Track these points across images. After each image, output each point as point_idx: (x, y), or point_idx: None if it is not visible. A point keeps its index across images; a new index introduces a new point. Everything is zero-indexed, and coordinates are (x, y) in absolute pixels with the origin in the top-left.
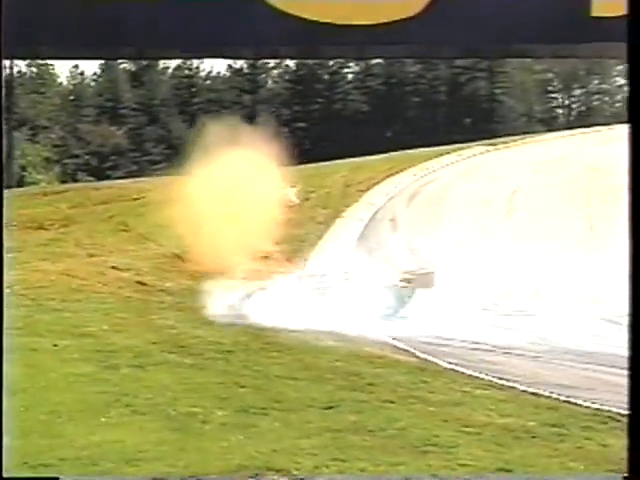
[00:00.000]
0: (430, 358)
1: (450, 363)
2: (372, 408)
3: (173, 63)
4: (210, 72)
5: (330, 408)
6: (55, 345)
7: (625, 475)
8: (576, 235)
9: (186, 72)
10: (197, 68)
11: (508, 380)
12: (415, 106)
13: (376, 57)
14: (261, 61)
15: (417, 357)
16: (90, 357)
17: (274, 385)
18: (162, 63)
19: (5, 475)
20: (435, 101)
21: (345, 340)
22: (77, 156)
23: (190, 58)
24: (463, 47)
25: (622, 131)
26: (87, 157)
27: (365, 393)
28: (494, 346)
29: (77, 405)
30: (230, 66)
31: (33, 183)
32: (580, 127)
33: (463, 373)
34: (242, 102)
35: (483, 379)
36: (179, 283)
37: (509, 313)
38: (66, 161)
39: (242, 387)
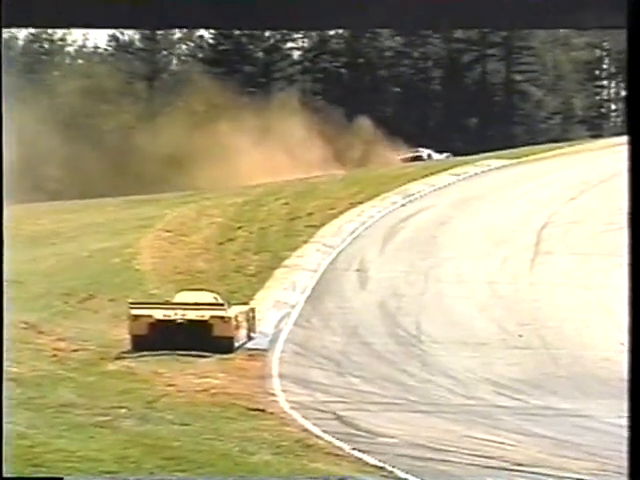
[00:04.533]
0: None
1: None
2: None
3: (24, 33)
4: (83, 46)
5: None
6: None
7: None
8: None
9: (46, 46)
10: (62, 40)
11: None
12: (394, 99)
13: (335, 27)
14: (162, 32)
15: None
16: None
17: None
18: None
19: (5, 475)
20: (424, 92)
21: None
22: None
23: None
24: (466, 13)
25: None
26: None
27: None
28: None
29: None
30: (115, 38)
31: None
32: None
33: None
34: (133, 91)
35: None
36: None
37: (541, 412)
38: None
39: None
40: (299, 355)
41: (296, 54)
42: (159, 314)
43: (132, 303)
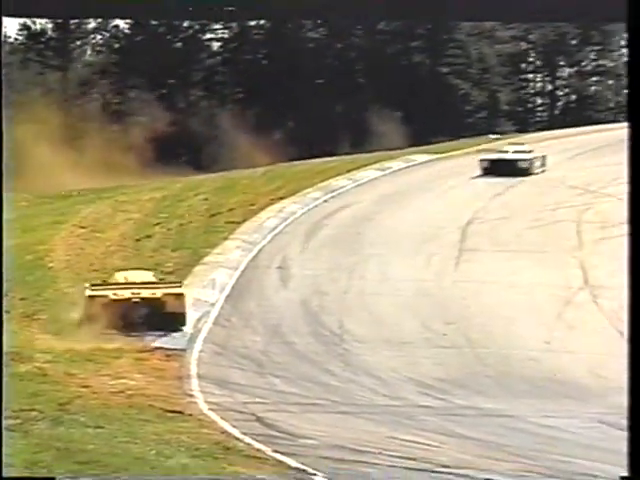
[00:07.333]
0: None
1: None
2: None
3: None
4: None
5: None
6: None
7: (624, 475)
8: (568, 294)
9: None
10: None
11: None
12: (315, 93)
13: (256, 18)
14: (76, 22)
15: None
16: None
17: None
18: None
19: (5, 475)
20: (347, 85)
21: None
22: None
23: None
24: (393, 5)
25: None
26: None
27: None
28: None
29: None
30: (26, 26)
31: None
32: (571, 125)
33: None
34: (45, 82)
35: None
36: None
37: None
38: None
39: None
40: (218, 355)
41: (215, 45)
42: (113, 295)
43: (91, 285)
